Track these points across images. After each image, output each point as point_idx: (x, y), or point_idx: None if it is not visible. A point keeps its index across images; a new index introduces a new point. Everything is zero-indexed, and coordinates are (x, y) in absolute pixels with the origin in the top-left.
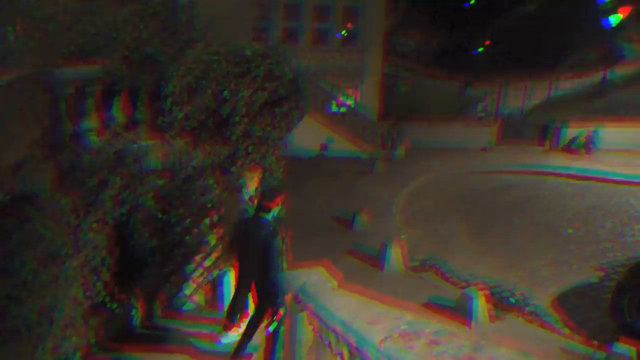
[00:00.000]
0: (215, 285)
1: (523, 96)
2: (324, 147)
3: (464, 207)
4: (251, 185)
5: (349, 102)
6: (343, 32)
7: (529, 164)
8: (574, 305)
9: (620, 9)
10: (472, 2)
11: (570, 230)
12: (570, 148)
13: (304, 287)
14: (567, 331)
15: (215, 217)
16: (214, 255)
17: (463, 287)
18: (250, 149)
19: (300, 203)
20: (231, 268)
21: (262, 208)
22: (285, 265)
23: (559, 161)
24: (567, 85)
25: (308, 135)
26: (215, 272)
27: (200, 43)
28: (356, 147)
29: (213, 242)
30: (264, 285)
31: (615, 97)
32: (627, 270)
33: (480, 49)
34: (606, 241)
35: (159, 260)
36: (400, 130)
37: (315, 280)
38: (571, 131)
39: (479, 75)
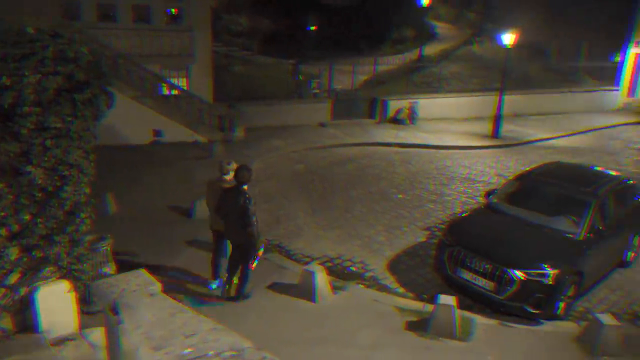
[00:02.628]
0: (26, 305)
1: (352, 73)
2: (157, 133)
3: (306, 184)
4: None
5: (181, 83)
6: (172, 10)
7: (362, 137)
8: (406, 265)
9: None
10: None
11: (400, 196)
12: (397, 119)
13: (123, 294)
14: (401, 290)
15: (14, 227)
16: (19, 270)
17: (306, 263)
18: (47, 143)
19: (134, 195)
20: (46, 283)
21: (239, 180)
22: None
23: (388, 132)
24: (389, 61)
25: (137, 122)
26: (23, 290)
27: None
28: (192, 132)
29: (14, 255)
30: (245, 235)
31: (428, 71)
32: (446, 227)
33: (312, 27)
34: (430, 202)
35: None
36: (238, 111)
37: (135, 286)
38: (396, 104)
39: (311, 54)
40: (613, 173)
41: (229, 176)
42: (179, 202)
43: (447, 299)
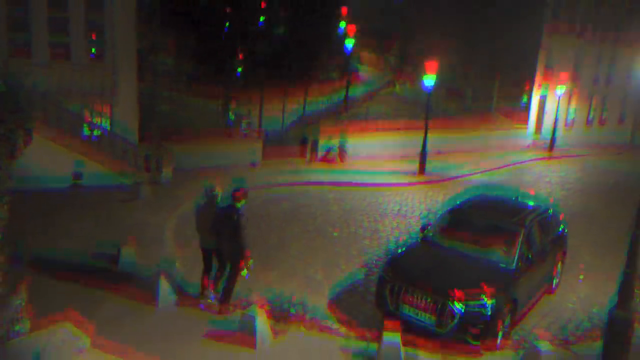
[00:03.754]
0: None
1: (282, 113)
2: (78, 176)
3: None
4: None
5: (104, 123)
6: (92, 49)
7: (295, 177)
8: (347, 303)
9: (347, 27)
10: (226, 24)
11: (335, 233)
12: (327, 158)
13: (46, 351)
14: (344, 330)
15: None
16: None
17: (245, 307)
18: None
19: (53, 242)
20: None
21: (234, 200)
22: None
23: (320, 171)
24: (318, 101)
25: (57, 164)
26: None
27: None
28: (117, 173)
29: None
30: (237, 249)
31: (355, 111)
32: (385, 263)
33: (239, 69)
34: (365, 239)
35: None
36: (166, 151)
37: (60, 341)
38: (326, 143)
39: (239, 94)
40: (534, 203)
41: (217, 199)
42: (104, 249)
43: (392, 338)
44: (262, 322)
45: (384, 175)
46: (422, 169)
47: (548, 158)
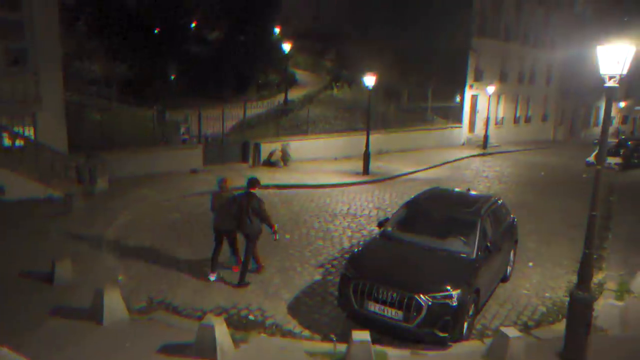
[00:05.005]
0: None
1: (222, 118)
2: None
3: (185, 233)
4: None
5: (27, 133)
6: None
7: (239, 181)
8: (307, 306)
9: (285, 40)
10: (155, 31)
11: (287, 236)
12: (270, 162)
13: None
14: (307, 333)
15: None
16: None
17: (200, 318)
18: None
19: None
20: None
21: (251, 187)
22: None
23: (263, 175)
24: (257, 106)
25: None
26: None
27: None
28: (44, 186)
29: None
30: (253, 230)
31: (295, 114)
32: (346, 261)
33: (172, 77)
34: (318, 240)
35: None
36: (98, 161)
37: None
38: (268, 147)
39: (175, 101)
40: (485, 194)
41: (227, 188)
42: (34, 267)
43: (362, 335)
44: (221, 332)
45: (329, 176)
46: (366, 169)
47: (482, 155)
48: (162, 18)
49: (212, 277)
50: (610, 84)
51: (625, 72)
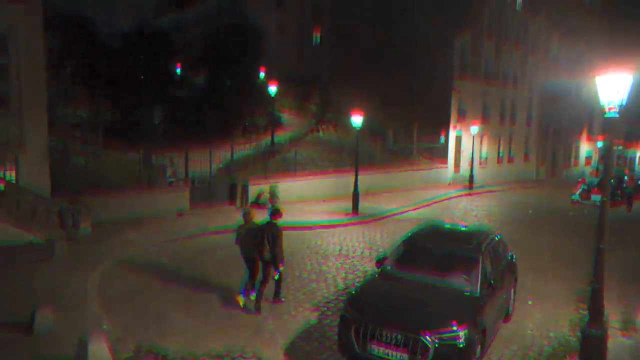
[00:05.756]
0: None
1: (209, 160)
2: None
3: (174, 277)
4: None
5: (8, 177)
6: None
7: (227, 224)
8: (304, 352)
9: (270, 82)
10: (139, 75)
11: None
12: (258, 203)
13: None
14: None
15: None
16: None
17: None
18: None
19: None
20: None
21: (274, 216)
22: None
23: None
24: (244, 147)
25: None
26: None
27: None
28: (25, 231)
29: None
30: (273, 257)
31: (282, 155)
32: (346, 302)
33: (157, 122)
34: (312, 282)
35: None
36: (84, 204)
37: None
38: (255, 188)
39: (161, 144)
40: (483, 229)
41: (251, 220)
42: (13, 317)
43: None
44: None
45: (319, 217)
46: (355, 209)
47: (469, 194)
48: (146, 63)
49: (242, 300)
50: (610, 113)
51: (625, 101)
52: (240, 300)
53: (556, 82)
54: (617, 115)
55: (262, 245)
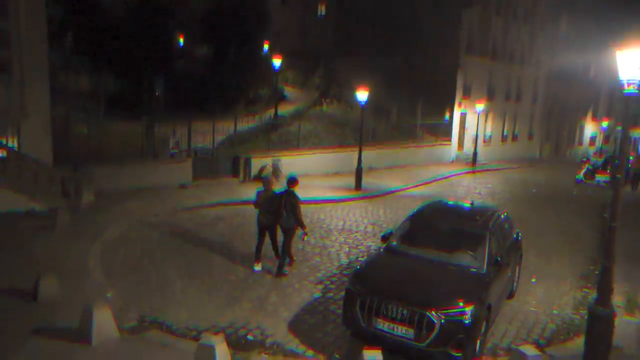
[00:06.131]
0: None
1: (212, 133)
2: None
3: (176, 248)
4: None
5: (11, 144)
6: None
7: (229, 196)
8: (308, 325)
9: (274, 56)
10: (141, 45)
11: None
12: (261, 177)
13: None
14: (311, 353)
15: None
16: None
17: (196, 338)
18: None
19: None
20: None
21: (291, 185)
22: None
23: (254, 190)
24: (247, 120)
25: None
26: None
27: None
28: (27, 199)
29: None
30: (290, 225)
31: (286, 129)
32: (351, 276)
33: (159, 91)
34: (315, 255)
35: None
36: (86, 174)
37: None
38: (259, 162)
39: (164, 115)
40: (490, 206)
41: (270, 188)
42: (17, 284)
43: (373, 355)
44: (222, 352)
45: (321, 192)
46: (358, 185)
47: (472, 172)
48: (149, 35)
49: (257, 267)
50: (630, 89)
51: None
52: (257, 265)
53: (563, 62)
54: (638, 93)
55: (280, 213)
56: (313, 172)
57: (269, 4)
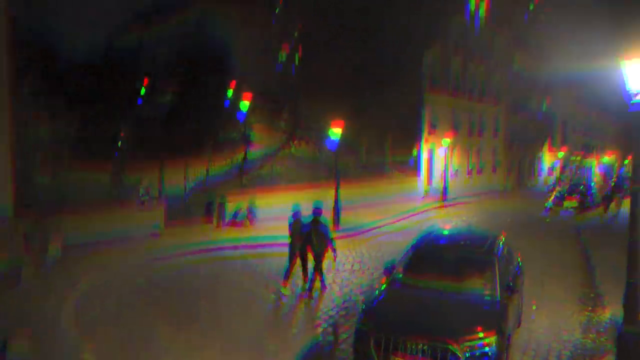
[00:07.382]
0: None
1: (184, 178)
2: None
3: (156, 299)
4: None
5: None
6: None
7: (205, 244)
8: None
9: (244, 95)
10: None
11: (272, 296)
12: (236, 221)
13: None
14: None
15: None
16: None
17: None
18: None
19: None
20: None
21: (318, 215)
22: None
23: (230, 234)
24: (218, 164)
25: None
26: None
27: None
28: None
29: None
30: (320, 249)
31: (257, 172)
32: (362, 315)
33: (121, 142)
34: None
35: None
36: (50, 226)
37: None
38: (233, 206)
39: (132, 162)
40: (489, 232)
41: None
42: None
43: None
44: None
45: None
46: (336, 224)
47: (444, 206)
48: (111, 81)
49: (286, 288)
50: (638, 99)
51: None
52: (284, 289)
53: (519, 96)
54: None
55: (311, 240)
56: (288, 213)
57: (233, 48)
